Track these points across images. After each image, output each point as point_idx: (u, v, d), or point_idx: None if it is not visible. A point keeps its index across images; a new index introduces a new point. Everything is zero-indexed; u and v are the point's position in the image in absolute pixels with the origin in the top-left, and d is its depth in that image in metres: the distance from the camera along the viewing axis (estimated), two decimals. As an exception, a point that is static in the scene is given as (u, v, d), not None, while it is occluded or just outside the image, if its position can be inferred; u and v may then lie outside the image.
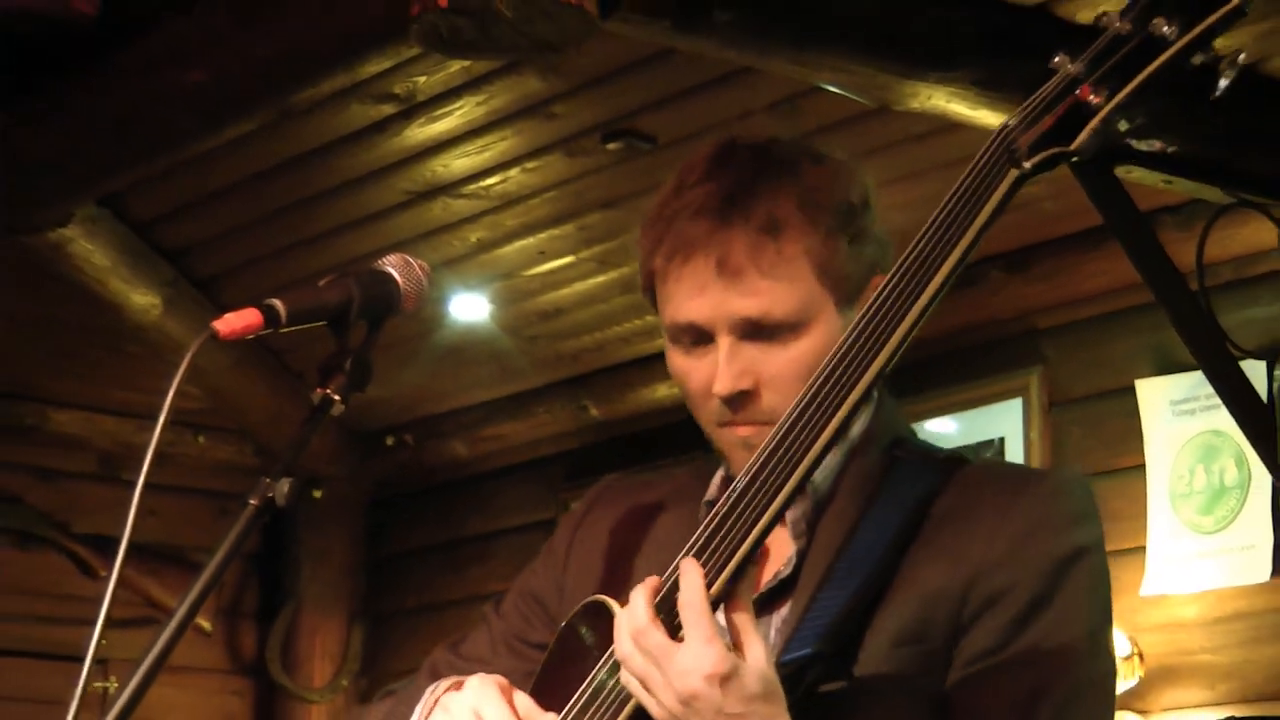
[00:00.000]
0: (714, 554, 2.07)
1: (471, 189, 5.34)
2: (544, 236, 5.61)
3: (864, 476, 2.26)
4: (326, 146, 5.15)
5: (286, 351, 6.49)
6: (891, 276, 2.05)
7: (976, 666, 2.15)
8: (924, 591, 2.17)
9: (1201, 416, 5.17)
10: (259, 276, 5.86)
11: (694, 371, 2.27)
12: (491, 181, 5.29)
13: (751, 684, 2.02)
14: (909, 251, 2.05)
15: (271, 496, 2.13)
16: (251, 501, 2.13)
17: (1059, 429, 5.52)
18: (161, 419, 2.09)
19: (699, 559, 2.07)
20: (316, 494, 7.05)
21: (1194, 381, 5.08)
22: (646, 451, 5.81)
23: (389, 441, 7.15)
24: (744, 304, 2.21)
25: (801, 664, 2.11)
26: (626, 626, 2.07)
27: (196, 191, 5.49)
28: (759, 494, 2.07)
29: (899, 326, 2.04)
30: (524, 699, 2.23)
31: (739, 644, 2.04)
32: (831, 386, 2.06)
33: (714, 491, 2.35)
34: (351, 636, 7.18)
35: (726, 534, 2.07)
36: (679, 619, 2.05)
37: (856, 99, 4.41)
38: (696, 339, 2.25)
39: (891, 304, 2.05)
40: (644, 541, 2.40)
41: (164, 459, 2.15)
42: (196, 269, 5.98)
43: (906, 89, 4.27)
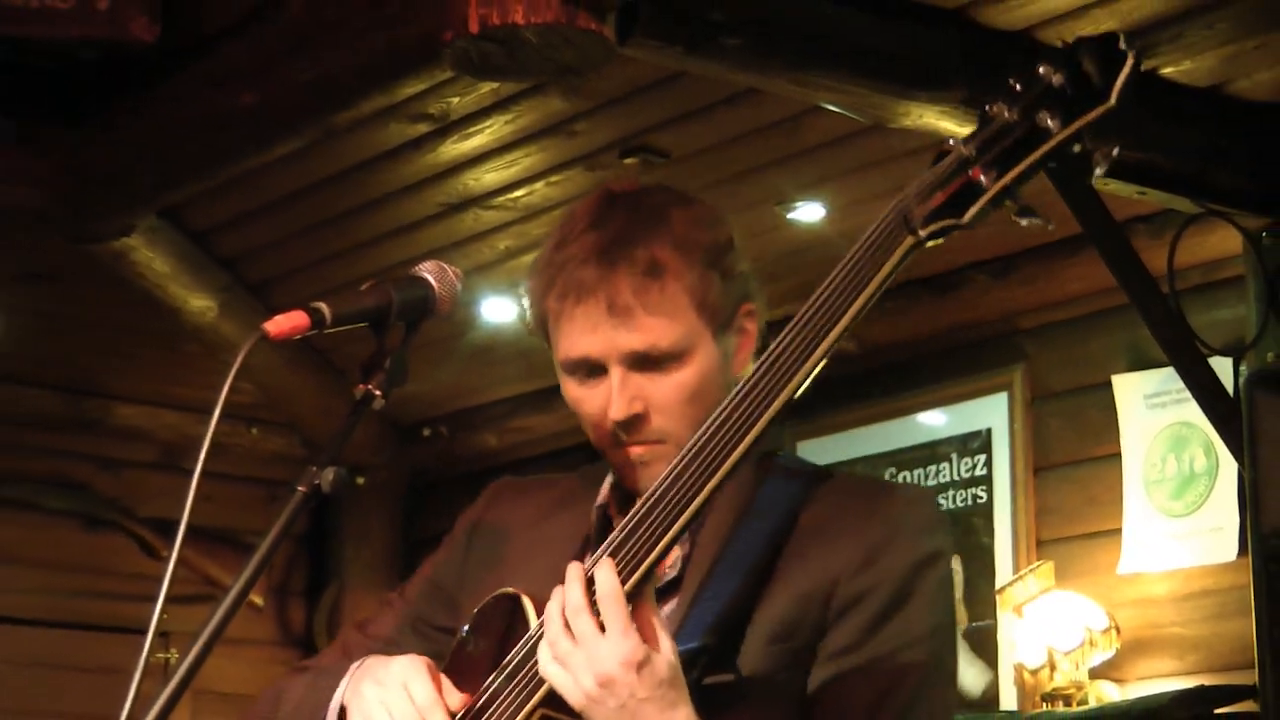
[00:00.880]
0: (627, 556, 2.11)
1: (500, 201, 5.34)
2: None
3: (739, 489, 2.28)
4: (367, 162, 5.15)
5: (331, 351, 6.49)
6: (796, 321, 2.10)
7: (835, 663, 2.21)
8: (794, 594, 2.22)
9: (1172, 409, 5.16)
10: (306, 282, 5.86)
11: (587, 400, 2.32)
12: (518, 194, 5.29)
13: (661, 671, 2.07)
14: (812, 300, 2.10)
15: (318, 484, 2.14)
16: (299, 488, 2.14)
17: (1040, 421, 5.51)
18: (216, 412, 2.09)
19: (614, 558, 2.11)
20: (359, 481, 7.05)
21: (1165, 377, 5.08)
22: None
23: (425, 433, 7.16)
24: (632, 339, 2.26)
25: (689, 656, 2.14)
26: (560, 608, 2.10)
27: (248, 204, 5.50)
28: (669, 506, 2.11)
29: (803, 365, 2.09)
30: (443, 679, 2.25)
31: (647, 637, 2.08)
32: (738, 417, 2.10)
33: (604, 496, 2.40)
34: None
35: (639, 540, 2.11)
36: (598, 611, 2.08)
37: (853, 117, 4.41)
38: (590, 371, 2.30)
39: (790, 351, 2.10)
40: (537, 538, 2.43)
41: (219, 449, 2.15)
42: (249, 275, 5.98)
43: (899, 108, 4.27)
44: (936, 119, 4.27)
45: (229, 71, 4.59)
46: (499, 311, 6.08)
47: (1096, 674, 5.09)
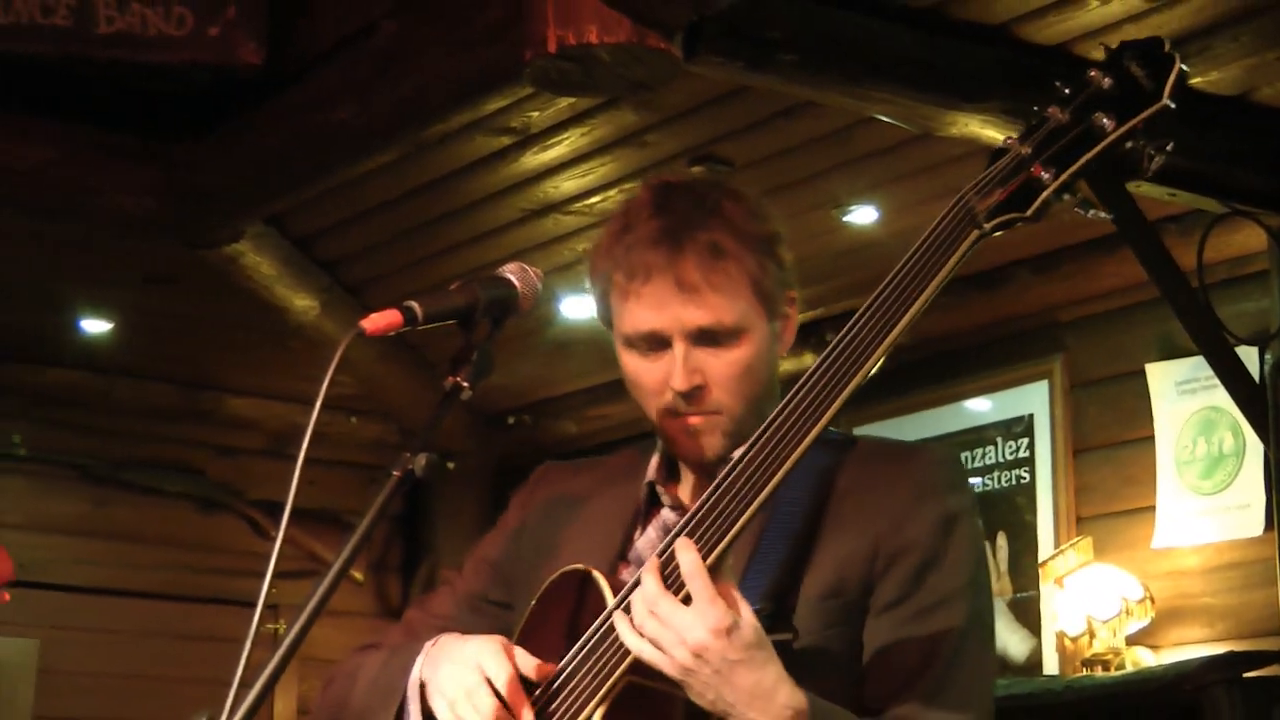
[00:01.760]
0: (706, 533, 2.10)
1: (577, 207, 5.34)
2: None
3: None
4: (455, 172, 5.16)
5: (423, 346, 6.51)
6: (865, 309, 2.09)
7: (883, 618, 2.22)
8: (838, 554, 2.23)
9: (1202, 395, 5.13)
10: (400, 283, 5.87)
11: (648, 373, 2.31)
12: (594, 200, 5.29)
13: (748, 634, 2.06)
14: (881, 290, 2.09)
15: (412, 468, 2.14)
16: (395, 472, 2.14)
17: (1079, 407, 5.49)
18: (318, 403, 2.10)
19: (692, 537, 2.09)
20: (450, 466, 7.05)
21: (1195, 365, 5.04)
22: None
23: (510, 421, 7.17)
24: (698, 315, 2.26)
25: None
26: (641, 598, 2.09)
27: (347, 211, 5.51)
28: (747, 485, 2.10)
29: (874, 350, 2.08)
30: (522, 653, 2.23)
31: (730, 605, 2.07)
32: (812, 400, 2.09)
33: (653, 473, 2.40)
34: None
35: (718, 518, 2.10)
36: (681, 586, 2.07)
37: (903, 126, 4.40)
38: (653, 345, 2.30)
39: (860, 340, 2.09)
40: (587, 514, 2.43)
41: (321, 437, 2.14)
42: (347, 277, 6.00)
43: (945, 117, 4.25)
44: (980, 127, 4.26)
45: (328, 91, 4.61)
46: (577, 309, 6.08)
47: (1132, 641, 5.06)
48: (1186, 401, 5.19)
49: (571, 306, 6.05)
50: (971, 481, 2.42)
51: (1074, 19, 4.11)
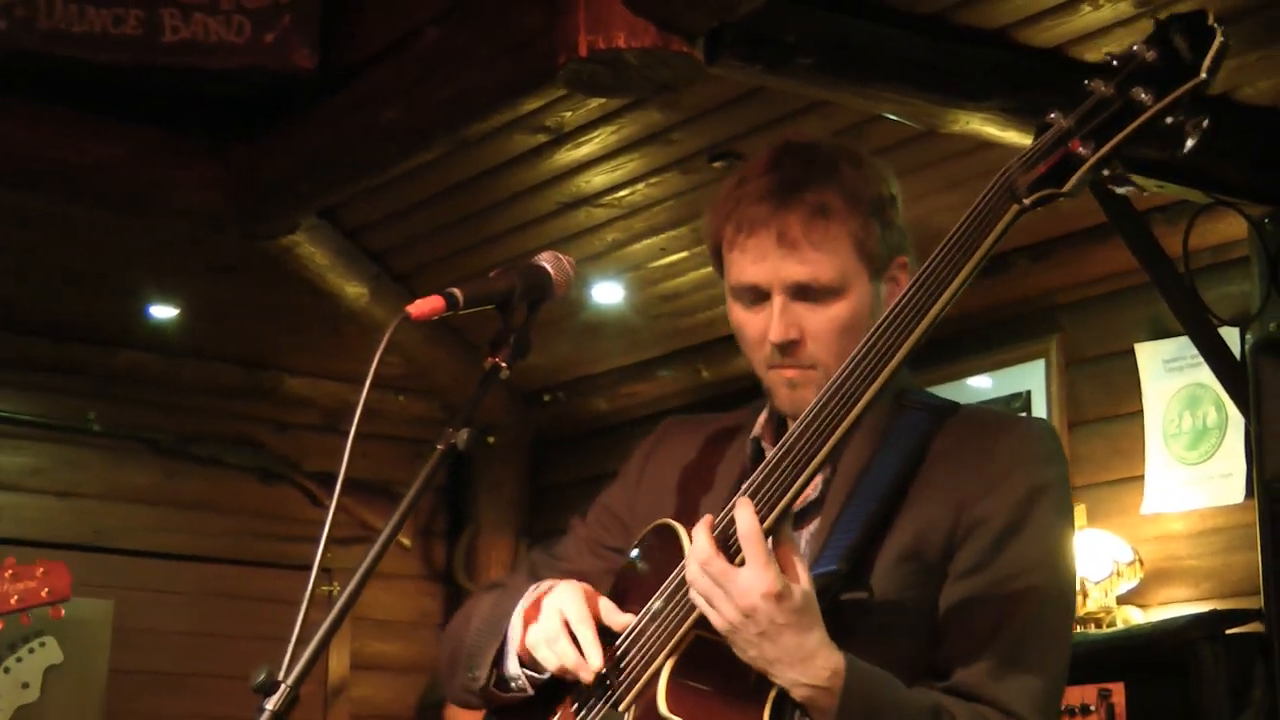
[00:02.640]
0: (765, 496, 2.06)
1: (607, 200, 5.33)
2: (665, 237, 5.60)
3: (876, 419, 2.21)
4: (494, 169, 5.16)
5: (465, 329, 6.51)
6: (914, 282, 2.03)
7: (962, 584, 2.15)
8: (922, 519, 2.16)
9: (1188, 372, 5.11)
10: (443, 271, 5.88)
11: (750, 324, 2.27)
12: (623, 194, 5.28)
13: (798, 600, 2.02)
14: (929, 262, 2.03)
15: (455, 442, 2.13)
16: (439, 446, 2.14)
17: (1074, 384, 5.47)
18: (368, 382, 2.10)
19: (753, 498, 2.05)
20: (490, 440, 7.07)
21: (1181, 344, 5.03)
22: (743, 404, 5.80)
23: (546, 399, 7.17)
24: (797, 270, 2.21)
25: (828, 579, 2.10)
26: (694, 556, 2.06)
27: (394, 205, 5.52)
28: (802, 453, 2.05)
29: (923, 319, 2.03)
30: (605, 601, 2.22)
31: (786, 568, 2.03)
32: (861, 372, 2.04)
33: (759, 428, 2.35)
34: (518, 550, 7.21)
35: (775, 481, 2.06)
36: (737, 547, 2.03)
37: (910, 124, 4.38)
38: (755, 298, 2.25)
39: (910, 307, 2.03)
40: (701, 469, 2.39)
41: (372, 414, 2.14)
42: (395, 266, 6.01)
43: (949, 116, 4.24)
44: (981, 125, 4.24)
45: (376, 93, 4.61)
46: (607, 294, 6.08)
47: (1123, 600, 5.05)
48: (1173, 378, 5.17)
49: (602, 292, 6.05)
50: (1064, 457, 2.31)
51: (1068, 24, 4.09)
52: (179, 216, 5.18)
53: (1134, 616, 5.04)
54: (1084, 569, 5.02)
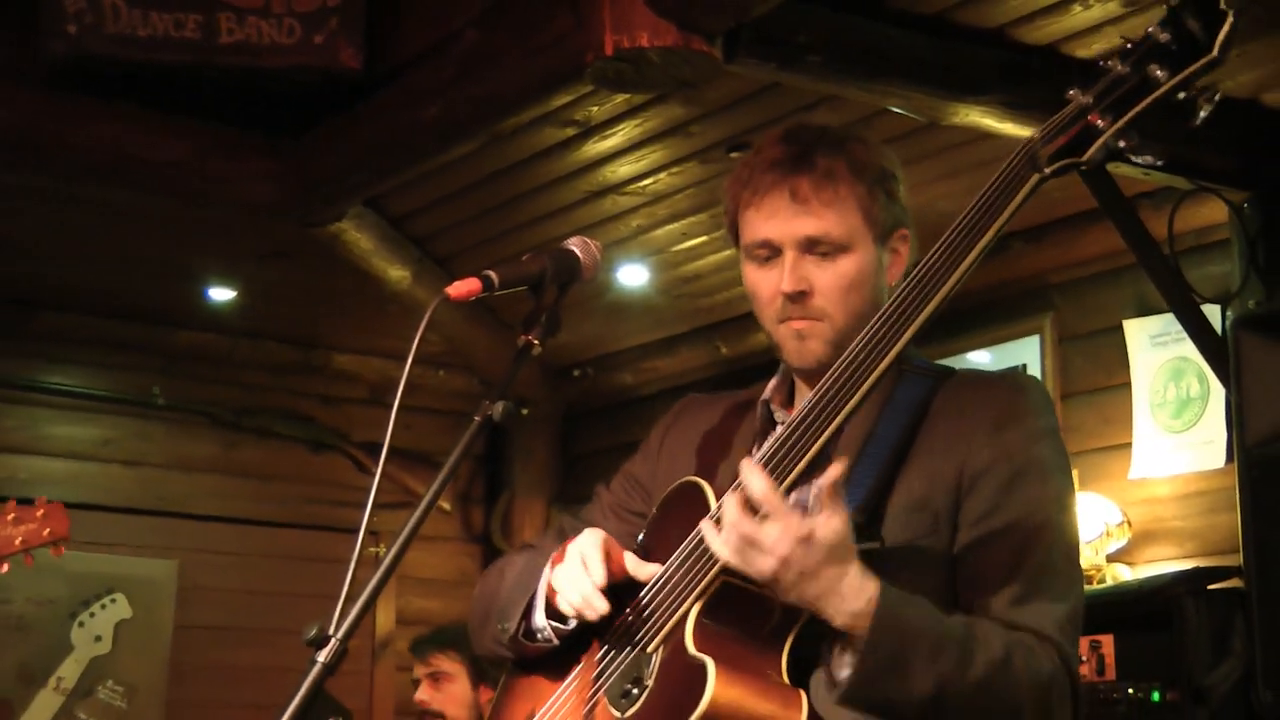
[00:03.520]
0: (784, 457, 2.06)
1: (632, 188, 5.33)
2: (686, 222, 5.59)
3: (880, 385, 2.20)
4: (527, 159, 5.16)
5: (500, 309, 6.52)
6: (938, 247, 2.03)
7: (975, 528, 2.14)
8: (929, 470, 2.17)
9: (1172, 347, 5.10)
10: (480, 255, 5.88)
11: (763, 281, 2.27)
12: (646, 183, 5.28)
13: (828, 538, 2.00)
14: (955, 226, 2.03)
15: (491, 414, 2.13)
16: (477, 418, 2.14)
17: (1066, 358, 5.46)
18: (410, 358, 2.10)
19: (773, 462, 2.05)
20: (524, 412, 7.07)
21: (1167, 321, 5.02)
22: (759, 377, 5.81)
23: (575, 373, 7.17)
24: (807, 224, 2.21)
25: None
26: (725, 522, 2.05)
27: (434, 194, 5.52)
28: (825, 412, 2.05)
29: (946, 282, 2.02)
30: (631, 555, 2.23)
31: (824, 507, 2.01)
32: (884, 333, 2.04)
33: (769, 391, 2.36)
34: (550, 514, 7.22)
35: (795, 445, 2.06)
36: (760, 511, 2.03)
37: (913, 116, 4.37)
38: (768, 255, 2.26)
39: (932, 272, 2.03)
40: (716, 438, 2.39)
41: (414, 388, 2.15)
42: (435, 250, 6.01)
43: (950, 109, 4.22)
44: (980, 117, 4.23)
45: (417, 91, 4.61)
46: (632, 277, 6.08)
47: (1113, 559, 5.04)
48: (1159, 352, 5.16)
49: (627, 274, 6.05)
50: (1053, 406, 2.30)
51: (1060, 23, 4.08)
52: (236, 207, 5.18)
53: (1123, 574, 5.03)
54: (1076, 530, 5.02)
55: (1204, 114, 1.90)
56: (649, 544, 2.27)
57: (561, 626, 2.28)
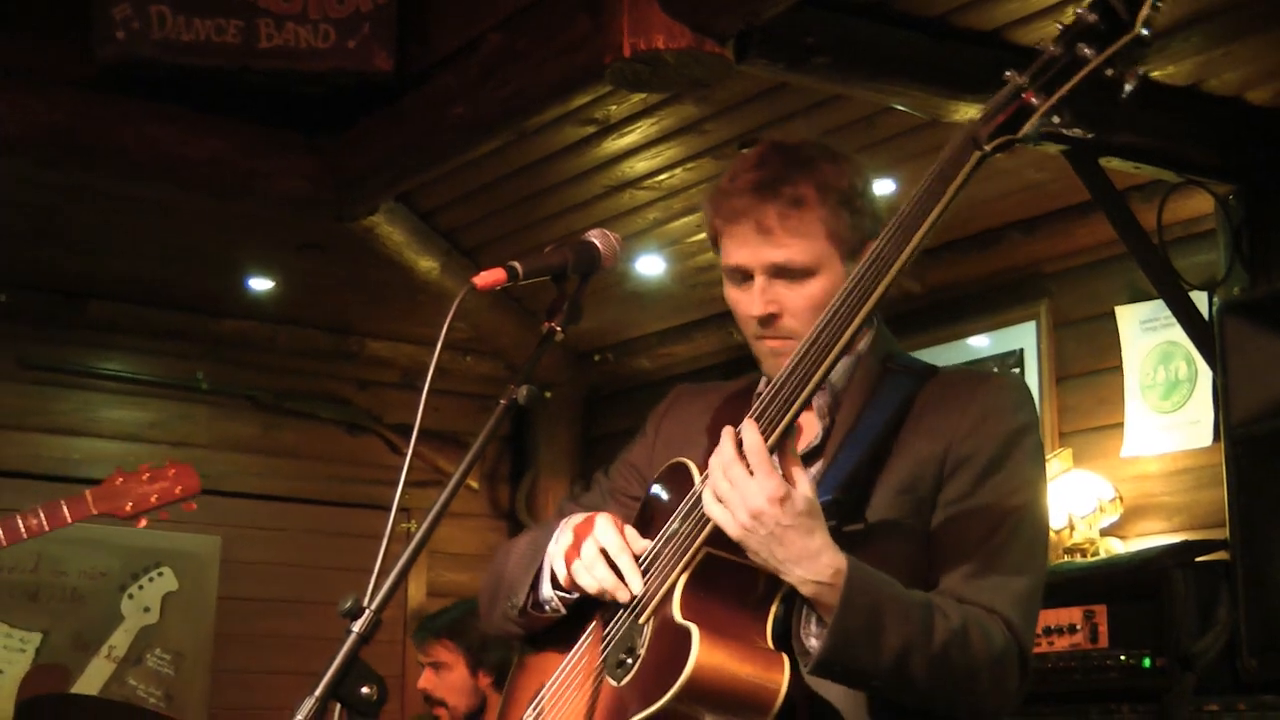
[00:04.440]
0: (768, 419, 2.06)
1: (649, 183, 5.32)
2: (700, 215, 5.56)
3: (867, 379, 2.26)
4: (550, 156, 5.15)
5: (525, 297, 6.52)
6: (885, 234, 2.03)
7: (950, 509, 2.16)
8: (914, 457, 2.18)
9: (1162, 331, 5.08)
10: (505, 246, 5.87)
11: (741, 301, 2.30)
12: (662, 178, 5.27)
13: (800, 504, 2.02)
14: (898, 215, 2.03)
15: (516, 398, 2.14)
16: (502, 401, 2.15)
17: (1061, 342, 5.45)
18: (439, 345, 2.10)
19: (759, 420, 2.06)
20: (547, 395, 7.08)
21: (1156, 307, 5.00)
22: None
23: (596, 358, 7.17)
24: (774, 253, 2.23)
25: (828, 507, 2.09)
26: (718, 462, 2.06)
27: (462, 189, 5.51)
28: (797, 380, 2.06)
29: (898, 258, 2.02)
30: (631, 530, 2.24)
31: (789, 478, 2.03)
32: (844, 311, 2.05)
33: (761, 385, 2.36)
34: (572, 491, 7.21)
35: (776, 406, 2.06)
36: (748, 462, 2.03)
37: (915, 114, 4.36)
38: (743, 278, 2.28)
39: (885, 252, 2.03)
40: (709, 423, 2.40)
41: (443, 372, 2.15)
42: (463, 242, 6.01)
43: (950, 106, 4.21)
44: (979, 114, 4.21)
45: (445, 92, 4.61)
46: (650, 267, 6.07)
47: (1105, 533, 5.04)
48: (1149, 337, 5.15)
49: (645, 265, 6.05)
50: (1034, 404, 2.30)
51: (1055, 26, 4.05)
52: (275, 202, 5.19)
53: (1115, 547, 5.02)
54: (1070, 505, 5.01)
55: (1129, 88, 1.89)
56: (642, 520, 2.28)
57: (567, 596, 2.29)
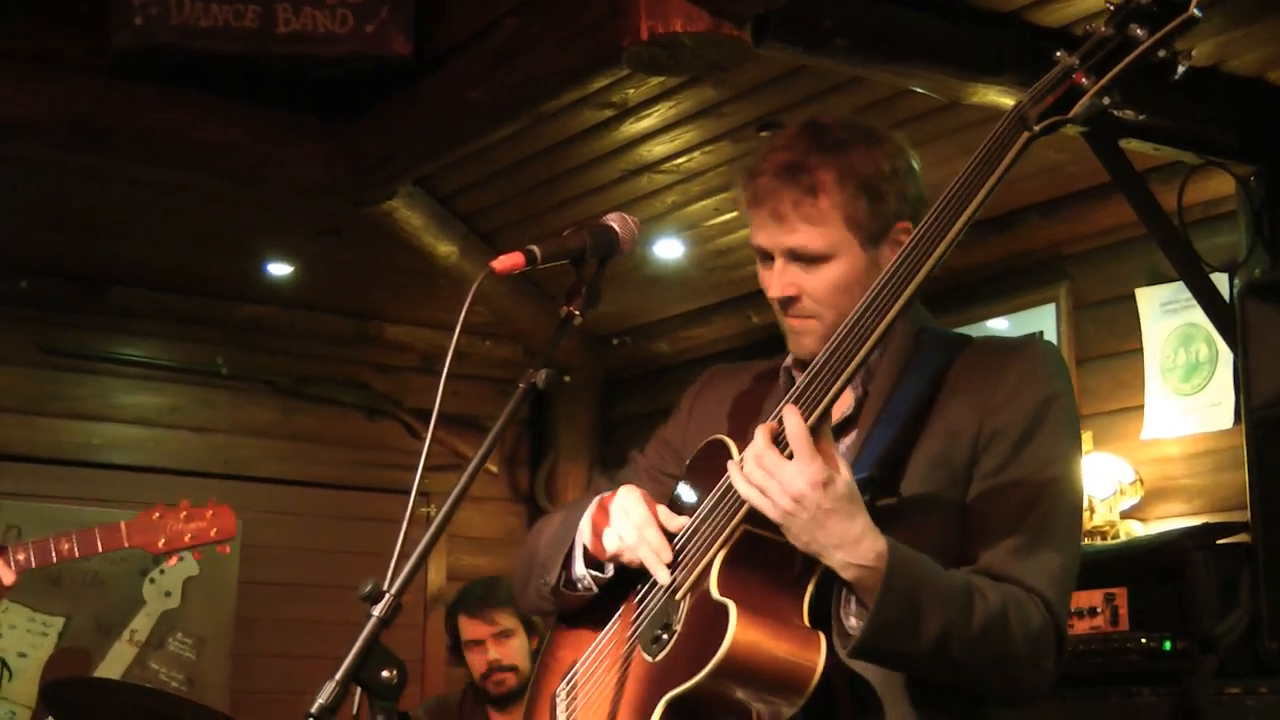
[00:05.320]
0: (807, 400, 2.06)
1: (667, 167, 5.32)
2: (718, 199, 5.58)
3: (901, 351, 2.26)
4: (568, 139, 5.15)
5: (543, 281, 6.52)
6: (929, 216, 2.02)
7: (987, 481, 2.15)
8: (948, 429, 2.18)
9: (1182, 313, 5.07)
10: (524, 231, 5.88)
11: (765, 278, 2.31)
12: (681, 161, 5.26)
13: (841, 488, 2.02)
14: (943, 197, 2.02)
15: (535, 381, 2.14)
16: (522, 385, 2.15)
17: (1081, 325, 5.44)
18: (458, 329, 2.11)
19: (798, 404, 2.06)
20: (566, 379, 7.08)
21: (1177, 289, 4.99)
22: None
23: (614, 342, 7.17)
24: (789, 239, 2.24)
25: (862, 483, 2.09)
26: (751, 452, 2.06)
27: (479, 174, 5.52)
28: (838, 361, 2.05)
29: (936, 249, 2.01)
30: (663, 508, 2.24)
31: (828, 462, 2.03)
32: (887, 293, 2.04)
33: (789, 360, 2.37)
34: (592, 475, 7.22)
35: (816, 388, 2.06)
36: (788, 446, 2.03)
37: (934, 96, 4.35)
38: (765, 258, 2.30)
39: (929, 234, 2.02)
40: (742, 401, 2.42)
41: (462, 356, 2.15)
42: (481, 227, 6.01)
43: (969, 89, 4.20)
44: (998, 97, 4.21)
45: (463, 76, 4.61)
46: (668, 250, 6.07)
47: (1126, 515, 5.03)
48: (1169, 319, 5.13)
49: (663, 248, 6.04)
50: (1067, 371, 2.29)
51: (1073, 6, 4.06)
52: (293, 187, 5.20)
53: (1135, 529, 5.02)
54: (1091, 488, 5.00)
55: (1181, 69, 1.90)
56: (678, 500, 2.28)
57: (600, 575, 2.30)
